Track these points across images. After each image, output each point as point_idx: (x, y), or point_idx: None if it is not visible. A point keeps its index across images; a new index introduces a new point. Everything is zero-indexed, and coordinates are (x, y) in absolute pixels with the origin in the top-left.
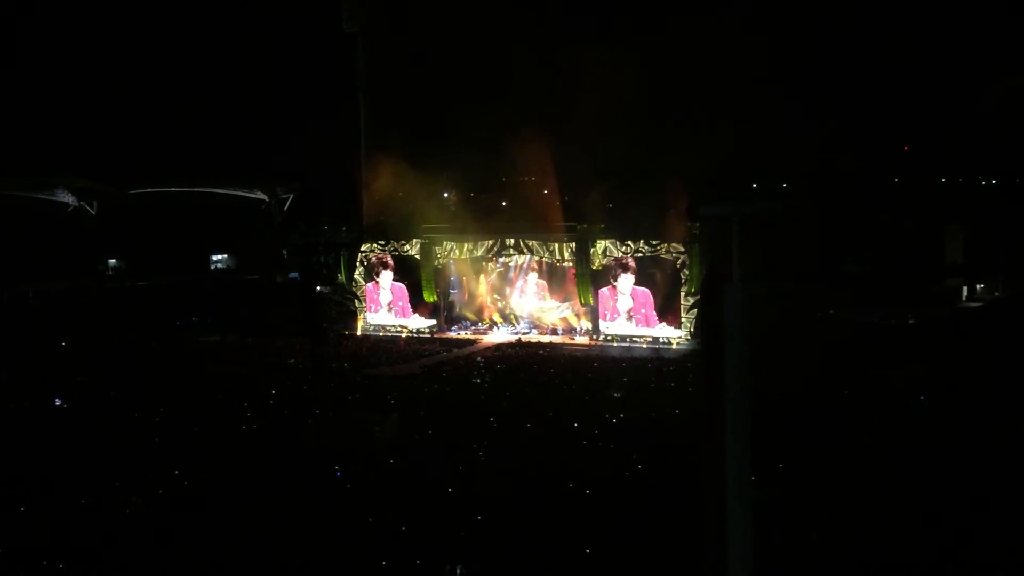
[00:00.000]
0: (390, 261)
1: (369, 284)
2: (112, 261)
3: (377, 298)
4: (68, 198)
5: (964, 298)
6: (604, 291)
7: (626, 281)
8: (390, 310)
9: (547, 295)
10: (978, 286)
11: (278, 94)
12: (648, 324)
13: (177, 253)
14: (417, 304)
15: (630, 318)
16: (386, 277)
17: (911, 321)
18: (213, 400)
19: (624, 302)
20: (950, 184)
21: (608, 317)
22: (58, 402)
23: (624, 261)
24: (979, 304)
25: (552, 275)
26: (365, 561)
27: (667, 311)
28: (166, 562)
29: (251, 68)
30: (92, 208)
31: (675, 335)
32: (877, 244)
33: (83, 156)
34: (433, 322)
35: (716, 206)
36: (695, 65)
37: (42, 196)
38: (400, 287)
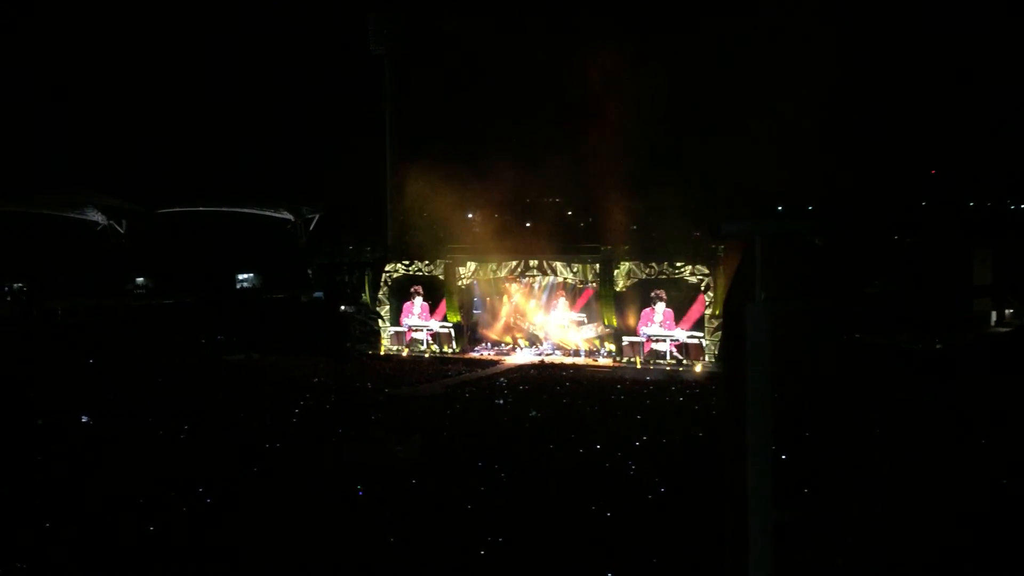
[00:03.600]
0: (420, 290)
1: (406, 303)
2: (140, 279)
3: (411, 310)
4: (98, 217)
5: (993, 323)
6: (646, 310)
7: (660, 307)
8: (418, 318)
9: (571, 316)
10: (1007, 311)
11: (304, 115)
12: (672, 329)
13: (203, 272)
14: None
15: (659, 327)
16: (417, 301)
17: (938, 346)
18: (236, 418)
19: (657, 317)
20: (978, 208)
21: (646, 326)
22: (84, 419)
23: (659, 294)
24: (1008, 330)
25: (576, 296)
26: None
27: (688, 323)
28: None
29: (277, 90)
30: (121, 227)
31: (695, 334)
32: (903, 267)
33: (113, 175)
34: (449, 323)
35: (738, 224)
36: (722, 85)
37: (72, 215)
38: (425, 305)
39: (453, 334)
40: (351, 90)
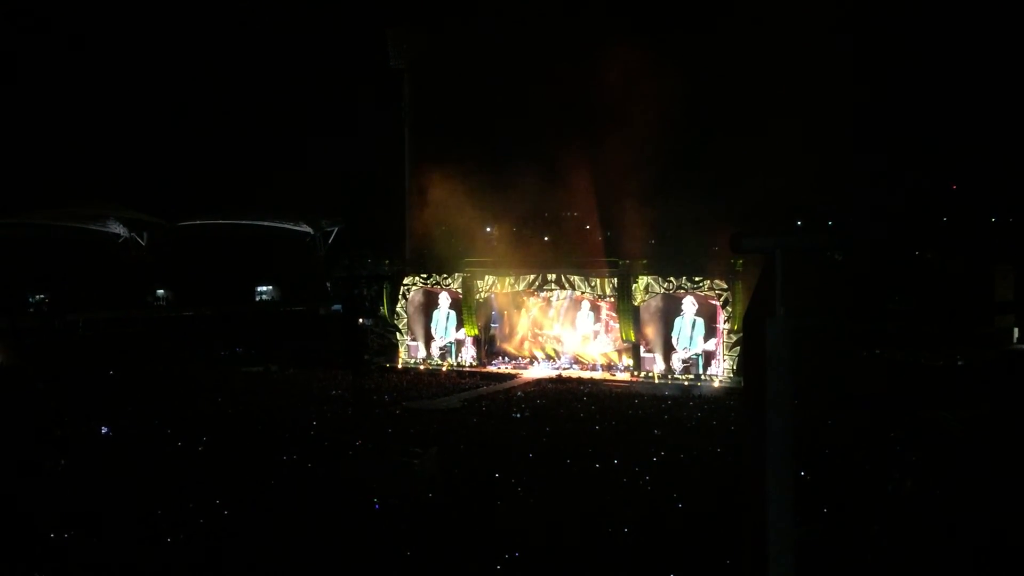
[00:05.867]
0: (446, 299)
1: (434, 311)
2: (160, 291)
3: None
4: (119, 229)
5: (1015, 340)
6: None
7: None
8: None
9: (591, 328)
10: None
11: (324, 129)
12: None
13: (223, 284)
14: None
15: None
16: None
17: (960, 363)
18: (255, 430)
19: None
20: (1000, 223)
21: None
22: (104, 430)
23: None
24: None
25: (594, 310)
26: None
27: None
28: None
29: (298, 104)
30: (142, 239)
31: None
32: (924, 283)
33: (134, 189)
34: (462, 332)
35: (758, 238)
36: (742, 100)
37: (94, 227)
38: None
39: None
40: (371, 104)
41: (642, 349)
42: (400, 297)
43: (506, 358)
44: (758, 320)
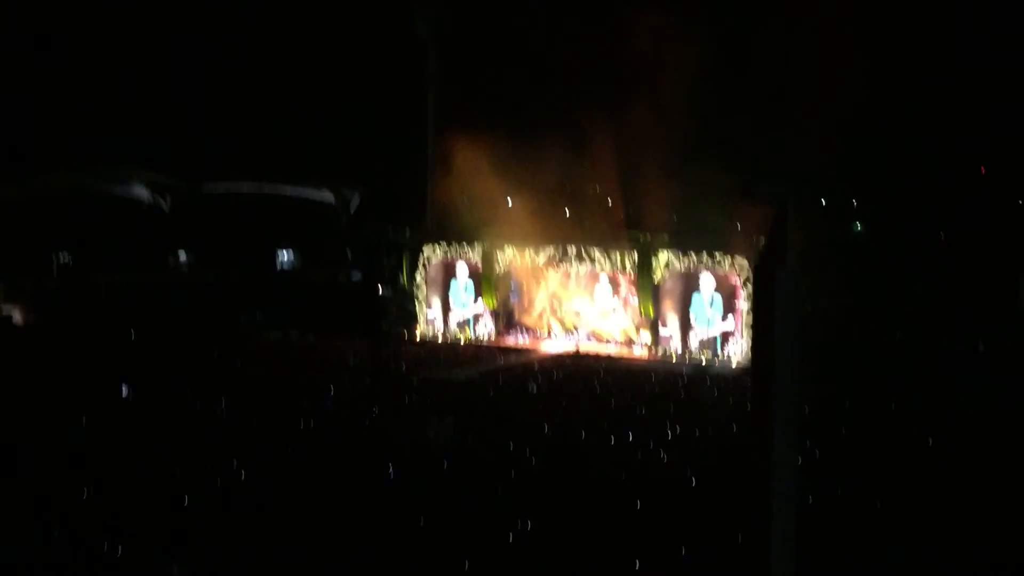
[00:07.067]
0: (465, 270)
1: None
2: (182, 256)
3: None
4: (143, 192)
5: None
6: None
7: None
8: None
9: (610, 304)
10: None
11: (347, 97)
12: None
13: (245, 250)
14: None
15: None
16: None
17: (981, 348)
18: (272, 396)
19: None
20: None
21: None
22: (125, 392)
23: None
24: None
25: (613, 285)
26: (415, 563)
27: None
28: (217, 557)
29: (321, 71)
30: (165, 203)
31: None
32: (948, 267)
33: (158, 152)
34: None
35: (772, 184)
36: (770, 73)
37: (118, 189)
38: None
39: (488, 317)
40: (395, 72)
41: (660, 325)
42: (420, 267)
43: (524, 331)
44: (769, 272)
